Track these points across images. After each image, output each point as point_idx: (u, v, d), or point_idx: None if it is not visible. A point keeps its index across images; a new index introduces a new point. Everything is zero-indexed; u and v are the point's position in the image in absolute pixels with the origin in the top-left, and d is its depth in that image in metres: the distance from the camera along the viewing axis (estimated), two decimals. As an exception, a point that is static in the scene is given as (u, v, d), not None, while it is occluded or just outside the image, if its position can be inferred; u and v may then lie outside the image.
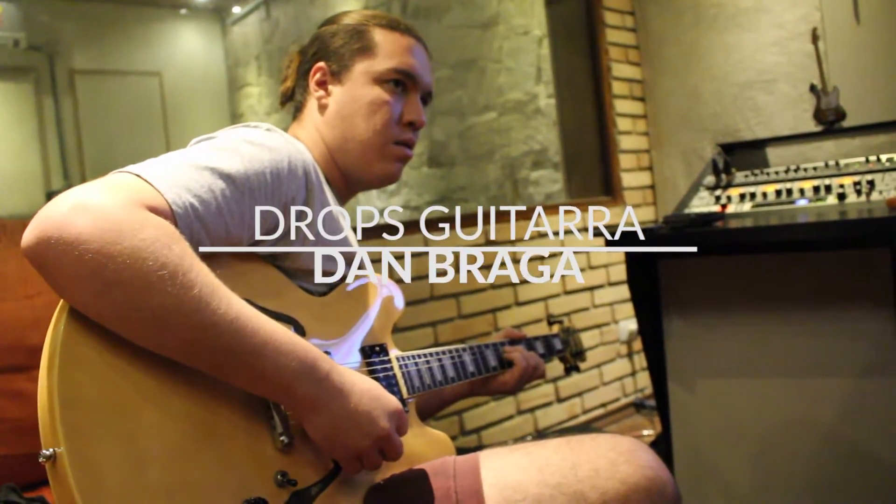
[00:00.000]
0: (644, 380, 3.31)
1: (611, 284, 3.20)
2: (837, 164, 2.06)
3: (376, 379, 1.08)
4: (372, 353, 1.13)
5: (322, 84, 1.22)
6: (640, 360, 3.31)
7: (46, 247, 0.73)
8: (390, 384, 1.12)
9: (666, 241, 1.82)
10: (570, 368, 1.67)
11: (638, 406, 3.25)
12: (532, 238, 2.90)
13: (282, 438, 0.87)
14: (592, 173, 3.37)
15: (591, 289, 3.13)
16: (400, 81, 1.21)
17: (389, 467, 1.01)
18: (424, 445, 1.14)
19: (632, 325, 3.20)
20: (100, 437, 0.71)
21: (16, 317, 1.40)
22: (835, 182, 1.97)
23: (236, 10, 6.52)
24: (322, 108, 1.22)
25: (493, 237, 2.74)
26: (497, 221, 2.78)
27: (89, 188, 0.78)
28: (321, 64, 1.22)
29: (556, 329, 1.67)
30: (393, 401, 0.95)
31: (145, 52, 6.18)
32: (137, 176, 0.82)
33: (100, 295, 0.74)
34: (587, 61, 3.37)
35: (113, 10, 5.90)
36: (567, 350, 1.65)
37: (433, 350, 1.28)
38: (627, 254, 2.01)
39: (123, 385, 0.75)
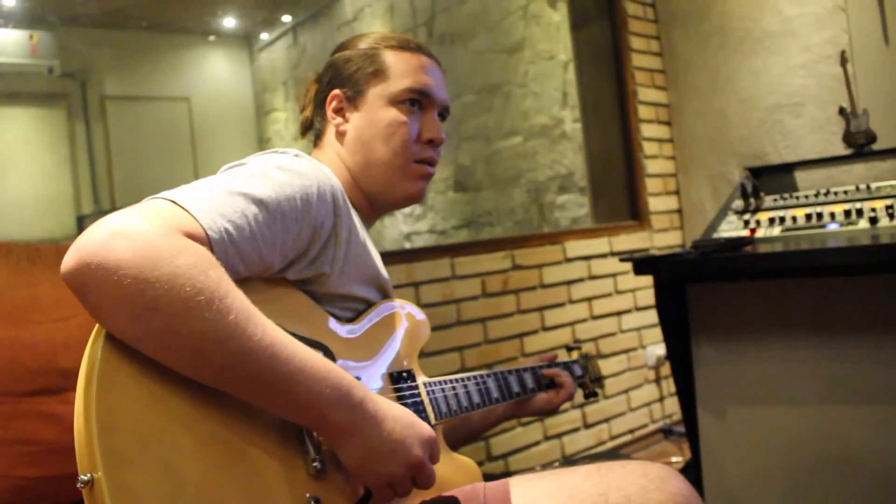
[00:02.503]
0: (672, 405, 3.28)
1: (638, 309, 3.18)
2: (868, 187, 2.04)
3: (404, 405, 1.08)
4: (399, 379, 1.13)
5: (339, 111, 1.24)
6: (668, 386, 3.28)
7: (86, 272, 0.73)
8: (418, 410, 1.12)
9: (695, 266, 1.80)
10: (590, 394, 1.65)
11: (666, 432, 3.21)
12: (558, 263, 2.89)
13: (314, 464, 0.87)
14: (619, 198, 3.37)
15: (619, 313, 3.11)
16: (415, 101, 1.22)
17: (419, 494, 1.00)
18: (452, 472, 1.13)
19: (659, 350, 3.17)
20: (136, 463, 0.71)
21: (49, 339, 1.42)
22: (866, 206, 1.94)
23: (264, 36, 6.61)
24: (340, 134, 1.23)
25: (518, 262, 2.74)
26: (522, 246, 2.77)
27: (127, 214, 0.79)
28: (336, 91, 1.23)
29: (575, 355, 1.67)
30: (426, 428, 0.95)
31: (175, 79, 6.28)
32: (173, 202, 0.83)
33: (137, 320, 0.74)
34: (613, 86, 3.37)
35: (144, 38, 6.00)
36: (587, 376, 1.64)
37: (460, 376, 1.28)
38: (656, 278, 2.00)
39: (159, 410, 0.76)
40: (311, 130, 1.31)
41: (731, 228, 2.12)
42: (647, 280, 2.78)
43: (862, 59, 2.76)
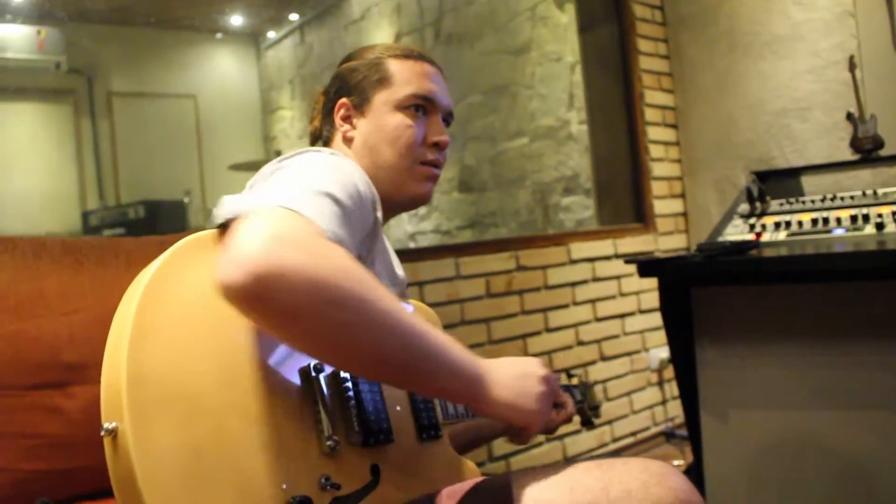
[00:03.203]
0: (674, 409, 3.27)
1: (642, 312, 3.18)
2: (875, 192, 2.04)
3: (413, 401, 1.09)
4: None
5: (347, 118, 1.27)
6: (671, 389, 3.28)
7: (263, 282, 0.74)
8: (427, 408, 1.12)
9: (699, 269, 1.80)
10: (587, 422, 1.65)
11: (668, 435, 3.21)
12: (562, 264, 2.89)
13: (328, 443, 0.88)
14: (624, 200, 3.36)
15: (622, 316, 3.11)
16: (420, 106, 1.25)
17: (418, 490, 1.01)
18: (452, 472, 1.13)
19: (662, 353, 3.17)
20: (160, 418, 0.73)
21: (53, 333, 1.42)
22: (872, 211, 1.94)
23: (271, 34, 6.62)
24: (348, 140, 1.26)
25: (523, 263, 2.73)
26: (527, 247, 2.77)
27: (267, 220, 0.80)
28: (344, 100, 1.27)
29: (575, 381, 1.67)
30: (526, 358, 1.06)
31: (181, 76, 6.29)
32: (287, 208, 0.85)
33: (321, 316, 0.77)
34: (620, 88, 3.37)
35: (151, 34, 6.02)
36: (585, 402, 1.64)
37: None
38: (660, 281, 2.00)
39: (188, 370, 0.77)
40: (320, 139, 1.34)
41: (737, 232, 2.12)
42: (652, 283, 2.78)
43: (870, 64, 2.76)
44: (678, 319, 1.99)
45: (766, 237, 2.04)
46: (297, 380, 0.90)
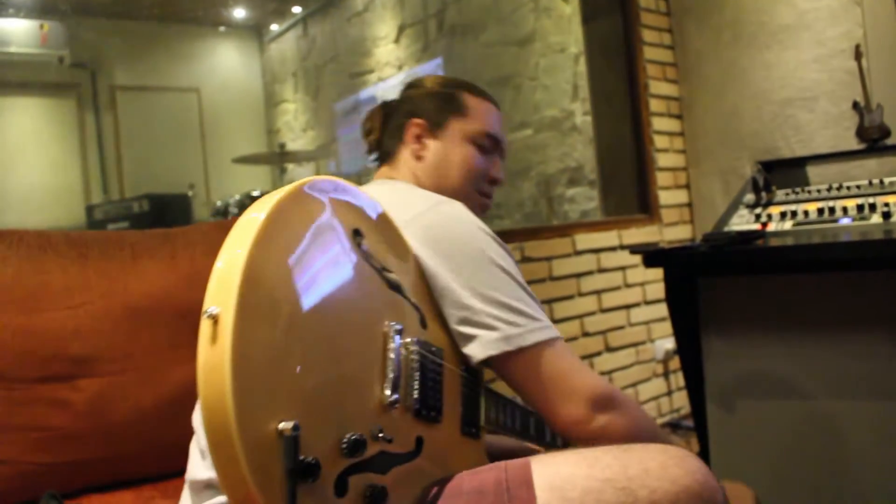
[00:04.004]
0: (680, 400, 3.27)
1: (647, 303, 3.17)
2: (882, 182, 2.03)
3: (463, 395, 1.14)
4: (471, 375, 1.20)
5: (419, 138, 1.36)
6: (677, 380, 3.27)
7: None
8: (475, 404, 1.16)
9: (705, 260, 1.79)
10: None
11: (674, 426, 3.21)
12: (567, 255, 2.88)
13: (391, 398, 0.91)
14: (629, 191, 3.35)
15: (628, 307, 3.10)
16: (488, 144, 1.38)
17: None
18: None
19: (668, 343, 3.16)
20: (262, 320, 0.75)
21: (59, 326, 1.42)
22: (879, 200, 1.93)
23: (274, 27, 6.61)
24: (418, 157, 1.36)
25: (527, 254, 2.73)
26: (532, 239, 2.77)
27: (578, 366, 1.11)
28: (418, 120, 1.36)
29: None
30: None
31: (184, 69, 6.29)
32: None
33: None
34: (624, 79, 3.35)
35: (154, 28, 6.01)
36: None
37: (516, 399, 1.34)
38: (666, 272, 1.99)
39: (295, 288, 0.81)
40: (382, 151, 1.43)
41: (743, 222, 2.11)
42: (657, 273, 2.77)
43: (876, 53, 2.74)
44: (684, 310, 1.98)
45: (771, 227, 2.03)
46: (379, 333, 0.94)
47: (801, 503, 1.82)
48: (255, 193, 4.11)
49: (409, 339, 0.98)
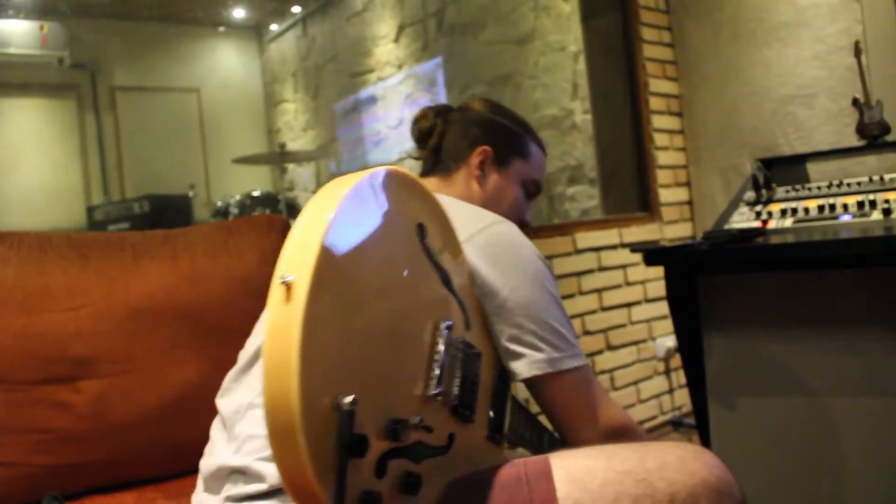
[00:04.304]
0: (681, 397, 3.27)
1: (648, 301, 3.17)
2: (882, 178, 2.02)
3: (494, 399, 1.17)
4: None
5: (482, 165, 1.43)
6: (678, 378, 3.27)
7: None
8: (501, 411, 1.18)
9: (706, 257, 1.79)
10: None
11: (675, 424, 3.21)
12: (568, 254, 2.88)
13: (435, 391, 0.92)
14: (629, 189, 3.35)
15: (628, 305, 3.10)
16: (533, 192, 1.49)
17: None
18: None
19: (669, 341, 3.16)
20: (335, 294, 0.77)
21: (60, 328, 1.43)
22: (879, 197, 1.93)
23: (274, 27, 6.61)
24: (478, 183, 1.43)
25: (529, 252, 2.73)
26: (532, 237, 2.76)
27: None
28: (487, 148, 1.43)
29: None
30: None
31: (184, 69, 6.29)
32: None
33: None
34: (624, 77, 3.35)
35: (154, 28, 6.01)
36: None
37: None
38: (667, 270, 1.99)
39: (367, 268, 0.84)
40: (440, 163, 1.46)
41: (743, 220, 2.11)
42: (658, 272, 2.77)
43: (876, 49, 2.74)
44: (685, 308, 1.98)
45: (772, 224, 2.03)
46: (430, 326, 0.96)
47: (802, 500, 1.82)
48: (255, 194, 4.12)
49: (456, 337, 1.01)
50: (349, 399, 0.73)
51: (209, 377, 1.49)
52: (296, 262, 0.74)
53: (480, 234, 1.20)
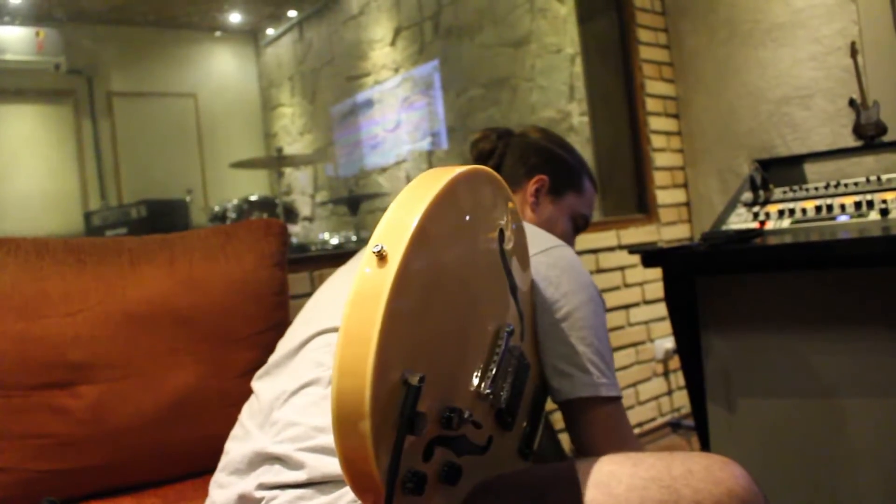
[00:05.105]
0: (680, 399, 3.27)
1: (646, 302, 3.17)
2: (879, 179, 2.03)
3: (531, 413, 1.18)
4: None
5: (537, 193, 1.49)
6: (677, 379, 3.27)
7: None
8: (535, 428, 1.18)
9: (704, 259, 1.79)
10: None
11: (674, 426, 3.20)
12: (566, 256, 2.88)
13: (487, 390, 0.92)
14: (626, 191, 3.35)
15: (627, 307, 3.10)
16: (582, 226, 1.56)
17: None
18: None
19: (668, 343, 3.16)
20: (421, 268, 0.78)
21: (57, 333, 1.42)
22: (877, 197, 1.93)
23: (270, 31, 6.61)
24: (530, 207, 1.49)
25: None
26: (531, 239, 2.76)
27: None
28: (544, 177, 1.49)
29: None
30: None
31: (181, 74, 6.28)
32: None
33: None
34: (620, 79, 3.35)
35: (150, 34, 6.01)
36: None
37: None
38: (665, 271, 1.99)
39: (451, 253, 0.86)
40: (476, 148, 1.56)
41: (741, 221, 2.11)
42: (656, 273, 2.77)
43: (872, 50, 2.75)
44: (683, 309, 1.98)
45: (769, 225, 2.03)
46: (493, 328, 0.98)
47: (802, 500, 1.82)
48: (252, 198, 4.11)
49: (514, 345, 1.02)
50: (418, 376, 0.74)
51: (207, 381, 1.49)
52: (390, 236, 0.76)
53: (545, 253, 1.24)
